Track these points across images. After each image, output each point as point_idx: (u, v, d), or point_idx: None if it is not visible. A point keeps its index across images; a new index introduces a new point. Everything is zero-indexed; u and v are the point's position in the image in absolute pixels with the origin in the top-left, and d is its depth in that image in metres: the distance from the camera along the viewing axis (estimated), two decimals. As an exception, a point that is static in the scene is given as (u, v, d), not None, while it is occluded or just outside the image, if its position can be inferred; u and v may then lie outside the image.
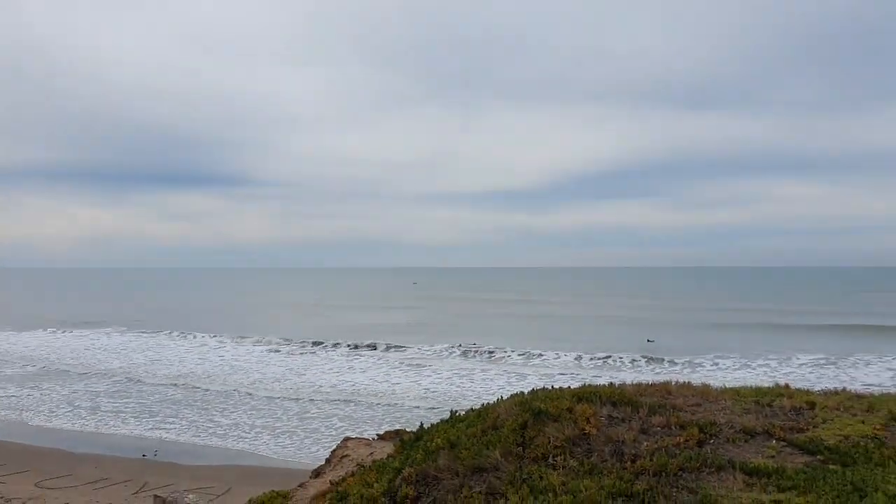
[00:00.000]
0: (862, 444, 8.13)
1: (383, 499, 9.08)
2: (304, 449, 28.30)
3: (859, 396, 9.92)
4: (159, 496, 16.50)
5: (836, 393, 10.42)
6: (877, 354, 48.24)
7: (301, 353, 55.73)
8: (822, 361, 45.72)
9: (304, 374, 45.67)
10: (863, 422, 8.75)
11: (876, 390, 18.77)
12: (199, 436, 30.64)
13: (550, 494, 7.47)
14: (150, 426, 32.35)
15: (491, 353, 53.54)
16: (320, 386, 41.57)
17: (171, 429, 31.78)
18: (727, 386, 11.44)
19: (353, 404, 36.31)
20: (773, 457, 8.06)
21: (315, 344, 60.38)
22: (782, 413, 9.41)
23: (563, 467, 8.25)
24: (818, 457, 7.99)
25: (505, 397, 11.28)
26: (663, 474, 7.69)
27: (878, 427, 8.52)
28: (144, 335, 69.43)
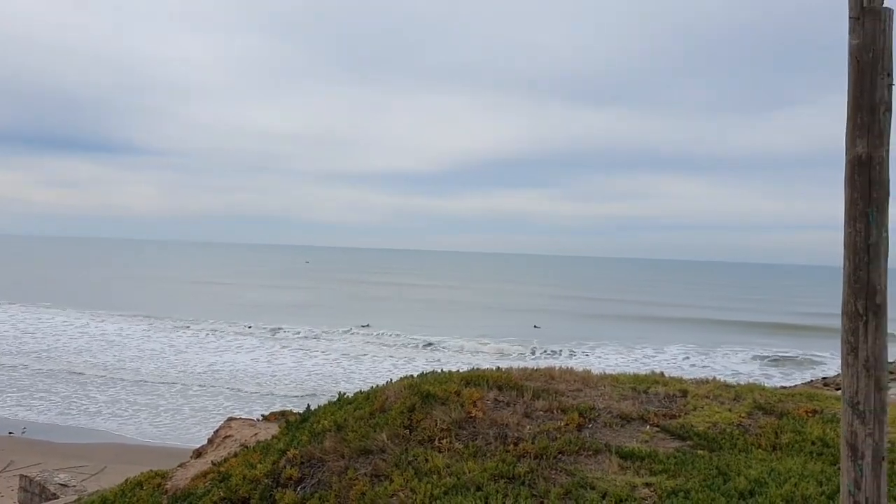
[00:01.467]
0: (728, 430, 8.65)
1: (266, 480, 8.99)
2: (185, 429, 27.58)
3: (727, 386, 10.52)
4: (26, 475, 15.71)
5: (706, 382, 11.01)
6: (744, 346, 51.26)
7: (183, 331, 54.05)
8: (693, 351, 48.19)
9: (186, 352, 44.36)
10: (730, 410, 9.30)
11: (742, 379, 20.00)
12: (73, 413, 29.32)
13: (435, 476, 7.59)
14: (18, 402, 30.69)
15: (382, 335, 53.61)
16: (204, 365, 40.50)
17: (41, 406, 30.26)
18: (607, 372, 11.89)
19: (236, 384, 35.59)
20: (646, 441, 8.46)
21: (197, 322, 58.68)
22: (657, 400, 9.88)
23: (449, 450, 8.40)
24: (688, 442, 8.45)
25: (394, 380, 11.34)
26: (544, 457, 7.95)
27: (743, 415, 9.08)
28: (14, 307, 65.57)
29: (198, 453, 13.09)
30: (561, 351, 47.19)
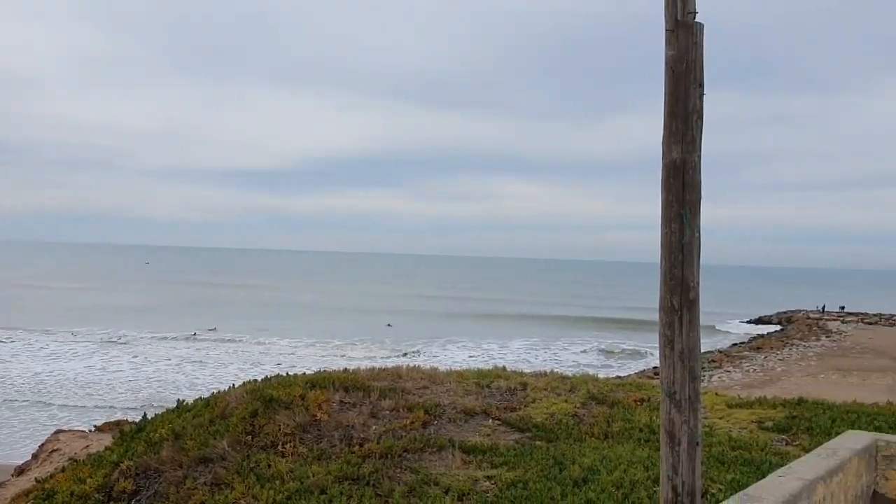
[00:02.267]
0: (564, 421, 9.03)
1: (97, 495, 8.47)
2: (11, 445, 25.46)
3: (564, 378, 10.99)
4: None
5: (545, 375, 11.45)
6: (584, 339, 53.76)
7: (7, 339, 49.97)
8: (536, 346, 50.01)
9: (10, 362, 41.03)
10: (566, 401, 9.71)
11: (583, 371, 20.96)
12: None
13: (278, 482, 7.43)
14: None
15: (227, 339, 51.87)
16: (30, 375, 37.59)
17: None
18: (453, 369, 12.11)
19: (66, 394, 33.30)
20: (489, 435, 8.68)
21: (24, 329, 54.39)
22: (499, 394, 10.17)
23: (293, 454, 8.24)
24: (528, 434, 8.75)
25: (237, 386, 11.01)
26: (389, 456, 7.97)
27: (578, 406, 9.51)
28: None
29: (20, 471, 12.16)
30: (412, 349, 47.57)
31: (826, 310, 66.85)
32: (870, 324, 56.40)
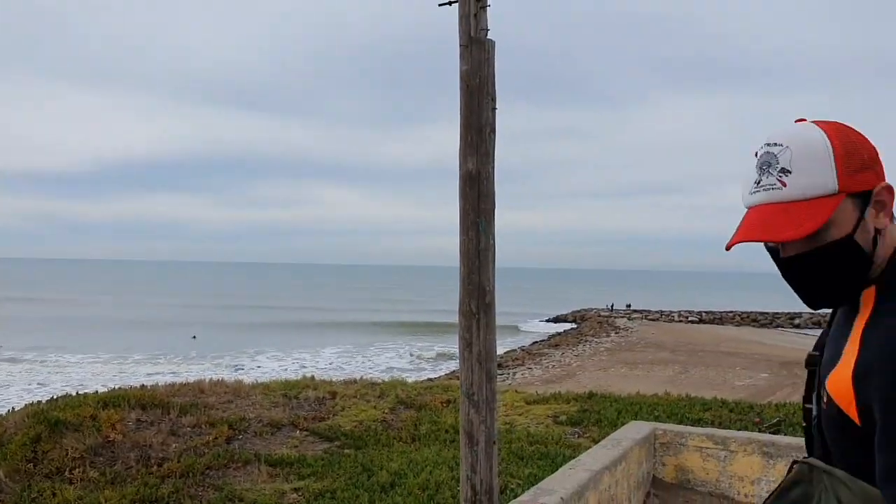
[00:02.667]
0: (373, 427, 9.08)
1: None
2: None
3: (373, 384, 11.06)
4: None
5: (355, 382, 11.46)
6: (397, 344, 54.37)
7: None
8: (348, 353, 49.92)
9: None
10: (375, 407, 9.77)
11: (395, 375, 21.15)
12: None
13: (64, 511, 6.88)
14: None
15: (9, 359, 47.24)
16: None
17: None
18: (260, 381, 11.80)
19: None
20: (296, 447, 8.55)
21: None
22: (307, 404, 10.04)
23: (83, 480, 7.67)
24: (336, 443, 8.71)
25: (18, 409, 10.07)
26: (190, 475, 7.63)
27: (386, 411, 9.60)
28: None
29: None
30: (218, 362, 45.77)
31: (615, 308, 72.08)
32: (653, 320, 61.65)
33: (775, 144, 1.26)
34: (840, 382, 1.22)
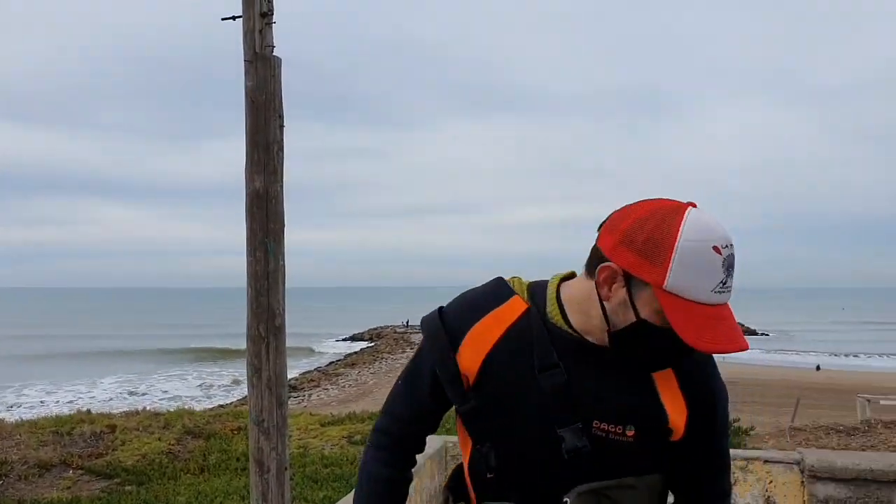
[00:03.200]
0: (157, 460, 8.54)
1: None
2: None
3: (157, 415, 10.41)
4: None
5: (137, 413, 10.72)
6: (184, 371, 51.63)
7: None
8: (131, 383, 46.74)
9: None
10: (159, 439, 9.19)
11: (184, 404, 20.04)
12: None
13: None
14: None
15: None
16: None
17: None
18: (26, 419, 10.72)
19: None
20: (69, 488, 7.84)
21: None
22: (82, 440, 9.25)
23: None
24: (116, 480, 8.09)
25: None
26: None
27: (172, 442, 9.06)
28: None
29: None
30: (-25, 398, 40.96)
31: (410, 324, 73.38)
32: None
33: (733, 246, 1.29)
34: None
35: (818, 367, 41.30)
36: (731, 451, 6.00)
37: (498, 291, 1.49)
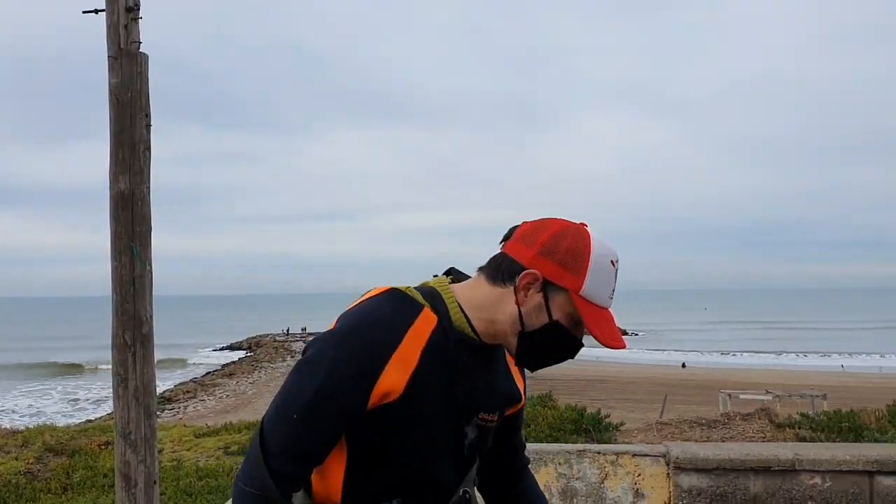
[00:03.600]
0: (14, 480, 7.99)
1: None
2: None
3: (15, 432, 9.76)
4: None
5: (-8, 432, 10.02)
6: (48, 386, 48.64)
7: None
8: (-12, 398, 43.61)
9: None
10: (17, 458, 8.62)
11: (47, 421, 18.84)
12: None
13: None
14: None
15: None
16: None
17: None
18: None
19: None
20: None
21: None
22: (-72, 464, 8.54)
23: None
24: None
25: None
26: None
27: (31, 461, 8.51)
28: None
29: None
30: None
31: (290, 331, 72.15)
32: (328, 342, 62.69)
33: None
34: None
35: (684, 365, 43.52)
36: (603, 447, 6.22)
37: (407, 306, 1.50)
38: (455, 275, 1.62)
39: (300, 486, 1.48)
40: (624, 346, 1.52)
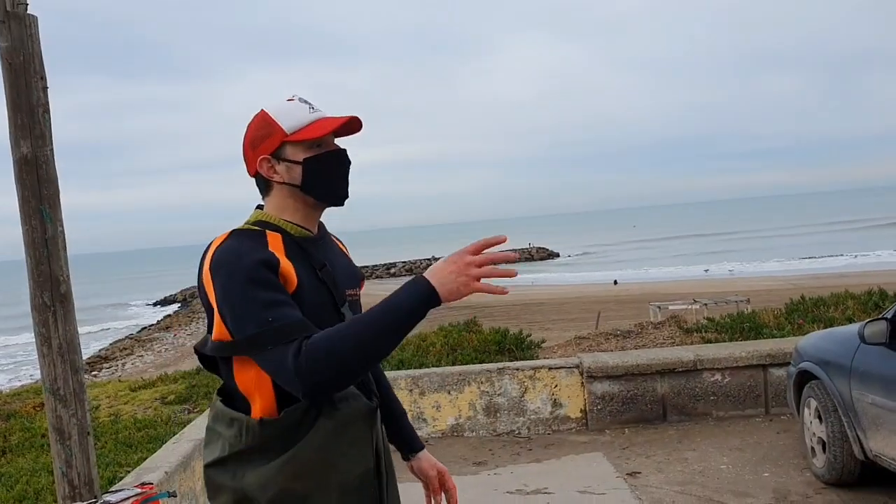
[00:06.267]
0: (-49, 450, 8.02)
1: None
2: None
3: (-54, 403, 9.69)
4: None
5: (-79, 405, 9.91)
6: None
7: None
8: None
9: None
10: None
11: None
12: None
13: None
14: None
15: None
16: None
17: None
18: None
19: None
20: None
21: None
22: None
23: None
24: None
25: None
26: None
27: (-34, 429, 8.52)
28: None
29: None
30: None
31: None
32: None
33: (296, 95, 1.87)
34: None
35: (616, 282, 44.83)
36: (522, 363, 6.63)
37: (255, 235, 1.76)
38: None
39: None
40: (345, 119, 1.79)
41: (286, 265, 1.69)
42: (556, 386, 6.40)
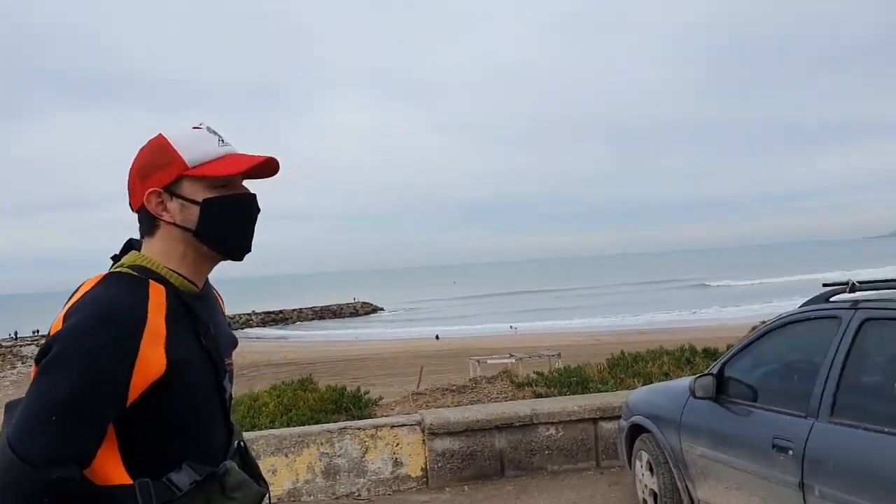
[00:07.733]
0: None
1: None
2: None
3: None
4: None
5: None
6: None
7: None
8: None
9: None
10: None
11: None
12: None
13: None
14: None
15: None
16: None
17: None
18: None
19: None
20: None
21: None
22: None
23: None
24: None
25: None
26: None
27: None
28: None
29: None
30: None
31: (19, 335, 65.17)
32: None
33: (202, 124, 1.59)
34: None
35: (437, 337, 45.48)
36: (363, 422, 6.51)
37: (135, 284, 1.48)
38: (136, 245, 1.61)
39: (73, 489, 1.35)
40: (262, 162, 1.54)
41: (155, 343, 1.42)
42: (397, 444, 6.32)
